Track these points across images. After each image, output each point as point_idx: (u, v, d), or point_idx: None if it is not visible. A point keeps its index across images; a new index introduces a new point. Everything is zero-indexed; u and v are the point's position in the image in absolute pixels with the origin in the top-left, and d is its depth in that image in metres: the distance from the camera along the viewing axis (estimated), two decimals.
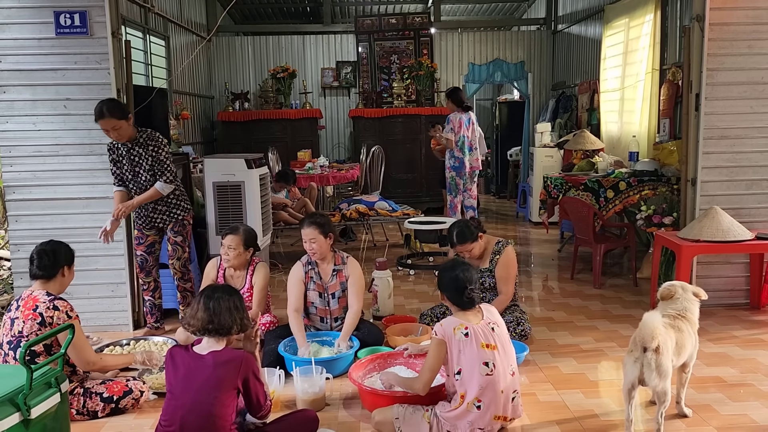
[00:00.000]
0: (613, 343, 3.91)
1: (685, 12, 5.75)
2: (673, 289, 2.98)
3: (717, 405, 3.05)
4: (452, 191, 6.48)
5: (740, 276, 4.55)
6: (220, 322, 2.50)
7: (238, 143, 8.79)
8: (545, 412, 3.03)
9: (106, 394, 3.05)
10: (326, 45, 9.99)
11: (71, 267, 3.17)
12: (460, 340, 2.67)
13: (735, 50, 4.31)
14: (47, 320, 2.92)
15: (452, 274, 2.81)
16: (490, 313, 2.83)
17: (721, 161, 4.42)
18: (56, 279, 3.07)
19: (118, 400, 3.07)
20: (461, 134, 6.27)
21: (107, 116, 3.82)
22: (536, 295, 5.13)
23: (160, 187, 4.06)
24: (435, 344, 2.72)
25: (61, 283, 3.10)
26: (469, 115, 6.36)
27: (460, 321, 2.72)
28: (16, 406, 2.20)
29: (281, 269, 5.99)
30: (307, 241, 3.76)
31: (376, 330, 3.93)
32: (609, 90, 7.32)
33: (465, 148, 6.30)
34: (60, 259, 3.08)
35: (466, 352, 2.66)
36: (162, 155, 4.04)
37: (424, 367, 2.80)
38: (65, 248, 3.15)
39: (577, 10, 8.96)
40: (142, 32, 6.90)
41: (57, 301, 2.97)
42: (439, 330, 2.72)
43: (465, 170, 6.34)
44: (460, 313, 2.79)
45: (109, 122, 3.83)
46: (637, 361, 2.67)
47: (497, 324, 2.79)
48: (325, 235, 3.76)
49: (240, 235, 3.93)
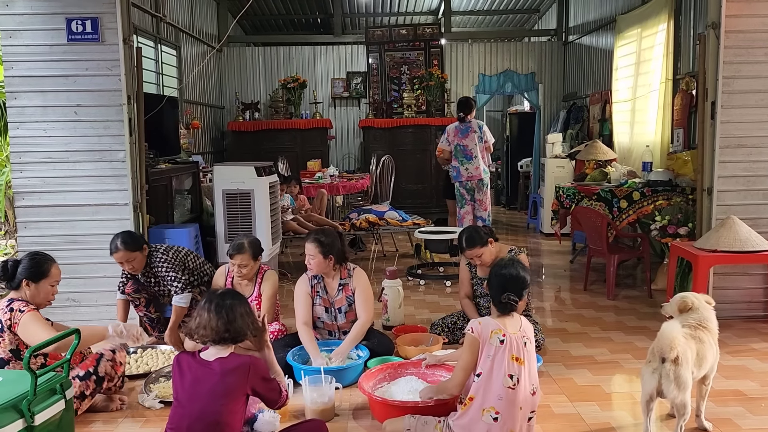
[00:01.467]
0: (629, 354, 3.82)
1: (699, 20, 5.70)
2: (689, 301, 2.90)
3: (737, 419, 2.96)
4: (459, 202, 6.45)
5: (759, 287, 4.45)
6: (236, 329, 2.43)
7: (248, 153, 8.78)
8: (561, 424, 2.95)
9: (81, 372, 3.00)
10: (337, 55, 10.00)
11: (38, 283, 3.03)
12: (494, 345, 2.57)
13: (752, 58, 4.26)
14: (5, 323, 2.91)
15: (506, 270, 2.71)
16: (527, 328, 2.72)
17: (738, 170, 4.35)
18: (20, 290, 3.02)
19: (95, 369, 3.02)
20: (455, 143, 6.26)
21: (121, 249, 3.77)
22: (549, 305, 5.05)
23: (177, 301, 3.89)
24: (469, 342, 2.63)
25: (27, 295, 3.01)
26: (469, 124, 6.27)
27: (498, 325, 2.62)
28: (20, 412, 2.16)
29: (290, 279, 5.94)
30: (307, 256, 3.69)
31: (386, 340, 3.86)
32: (621, 100, 7.26)
33: (460, 156, 6.26)
34: (21, 272, 2.99)
35: (495, 358, 2.57)
36: (162, 271, 3.91)
37: (456, 368, 2.71)
38: (32, 263, 3.04)
39: (588, 21, 8.93)
40: (154, 41, 6.93)
41: (14, 303, 2.95)
42: (476, 328, 2.62)
43: (462, 179, 6.30)
44: (500, 317, 2.71)
45: (123, 255, 3.78)
46: (655, 372, 2.60)
47: (530, 340, 2.70)
48: (325, 256, 3.63)
49: (248, 251, 3.86)
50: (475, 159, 6.26)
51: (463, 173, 6.28)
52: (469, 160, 6.26)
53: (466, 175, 6.28)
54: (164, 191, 5.08)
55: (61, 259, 4.19)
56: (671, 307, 2.95)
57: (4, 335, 2.92)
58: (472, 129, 6.27)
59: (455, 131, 6.29)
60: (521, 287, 2.69)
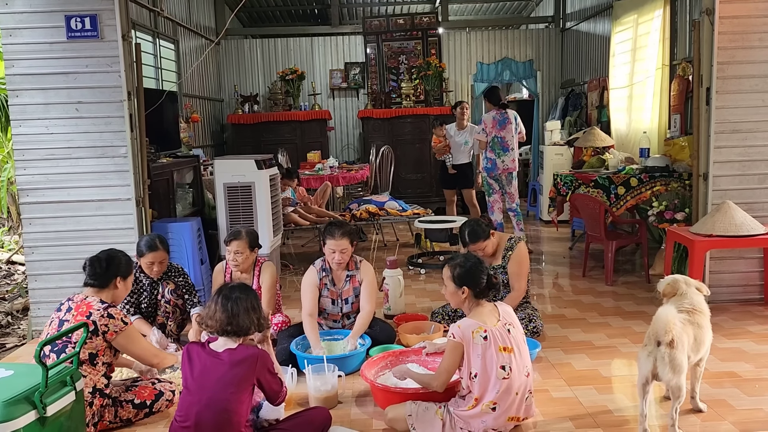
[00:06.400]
0: (626, 339, 3.89)
1: (694, 6, 5.71)
2: (676, 285, 2.93)
3: (732, 400, 3.03)
4: (487, 191, 6.38)
5: (754, 271, 4.50)
6: (239, 323, 2.51)
7: (248, 145, 8.82)
8: (558, 408, 3.01)
9: (137, 400, 2.99)
10: (334, 46, 10.00)
11: (126, 279, 3.08)
12: (479, 343, 2.64)
13: (746, 43, 4.28)
14: (101, 329, 2.84)
15: (470, 264, 2.79)
16: (506, 314, 2.80)
17: (733, 155, 4.39)
18: (109, 289, 3.00)
19: (152, 404, 3.02)
20: (493, 134, 6.10)
21: (161, 248, 3.76)
22: (548, 292, 5.11)
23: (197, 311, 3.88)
24: (452, 347, 2.69)
25: (114, 294, 3.03)
26: (506, 115, 6.11)
27: (478, 324, 2.68)
28: (33, 404, 2.22)
29: (292, 270, 6.01)
30: (337, 252, 3.71)
31: (388, 328, 3.93)
32: (618, 87, 7.28)
33: (497, 149, 6.10)
34: (113, 269, 3.00)
35: (486, 356, 2.63)
36: (189, 280, 3.99)
37: (440, 369, 2.79)
38: (122, 259, 3.07)
39: (585, 8, 8.92)
40: (152, 36, 6.95)
41: (111, 309, 2.90)
42: (456, 332, 2.68)
43: (497, 171, 6.15)
44: (476, 310, 2.77)
45: (160, 254, 3.77)
46: (650, 355, 2.66)
47: (513, 325, 2.77)
48: (352, 244, 3.79)
49: (245, 239, 3.88)
50: (512, 151, 6.10)
51: (500, 165, 6.11)
52: (506, 152, 6.09)
53: (502, 167, 6.12)
54: (166, 185, 5.13)
55: (67, 254, 4.32)
56: (660, 286, 2.99)
57: (94, 339, 2.83)
58: (509, 120, 6.09)
59: (493, 122, 6.09)
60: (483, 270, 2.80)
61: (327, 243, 3.75)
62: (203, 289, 4.72)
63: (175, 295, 3.91)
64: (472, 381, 2.67)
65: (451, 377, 2.78)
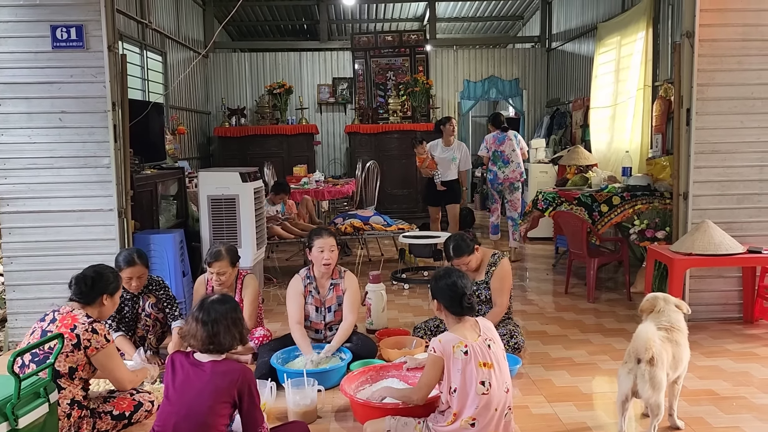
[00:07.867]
0: (607, 356, 3.90)
1: (676, 29, 5.82)
2: (655, 302, 2.97)
3: (709, 417, 3.04)
4: (488, 200, 7.33)
5: (733, 290, 4.55)
6: (221, 342, 2.49)
7: (234, 158, 8.82)
8: (538, 424, 3.01)
9: (115, 411, 2.96)
10: (323, 61, 10.06)
11: (114, 296, 3.05)
12: (459, 358, 2.63)
13: (725, 66, 4.36)
14: (83, 343, 2.80)
15: (448, 281, 2.79)
16: (487, 329, 2.80)
17: (713, 176, 4.45)
18: (95, 306, 2.97)
19: (131, 415, 3.00)
20: (493, 149, 7.00)
21: (139, 264, 3.70)
22: (530, 309, 5.12)
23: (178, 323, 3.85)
24: (432, 361, 2.69)
25: (100, 311, 2.99)
26: (505, 134, 6.99)
27: (459, 338, 2.68)
28: (4, 415, 2.19)
29: (276, 284, 5.98)
30: (326, 249, 3.79)
31: (369, 342, 3.92)
32: (599, 107, 7.39)
33: (498, 162, 6.97)
34: (99, 287, 2.97)
35: (466, 371, 2.63)
36: (170, 292, 3.95)
37: (420, 382, 2.79)
38: (110, 276, 3.04)
39: (570, 28, 9.07)
40: (140, 48, 6.95)
41: (96, 324, 2.87)
42: (437, 347, 2.68)
43: (498, 181, 7.01)
44: (457, 326, 2.77)
45: (139, 269, 3.71)
46: (630, 372, 2.67)
47: (493, 340, 2.77)
48: (338, 246, 3.91)
49: (225, 258, 3.83)
50: (512, 163, 6.95)
51: (500, 176, 6.99)
52: (506, 164, 6.96)
53: (502, 177, 6.98)
54: (149, 197, 5.11)
55: (46, 264, 4.28)
56: (642, 305, 3.03)
57: (75, 353, 2.79)
58: (507, 137, 7.00)
59: (493, 139, 7.05)
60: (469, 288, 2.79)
61: (315, 243, 3.80)
62: (185, 302, 4.68)
63: (156, 309, 3.87)
64: (452, 396, 2.66)
65: (431, 391, 2.78)
